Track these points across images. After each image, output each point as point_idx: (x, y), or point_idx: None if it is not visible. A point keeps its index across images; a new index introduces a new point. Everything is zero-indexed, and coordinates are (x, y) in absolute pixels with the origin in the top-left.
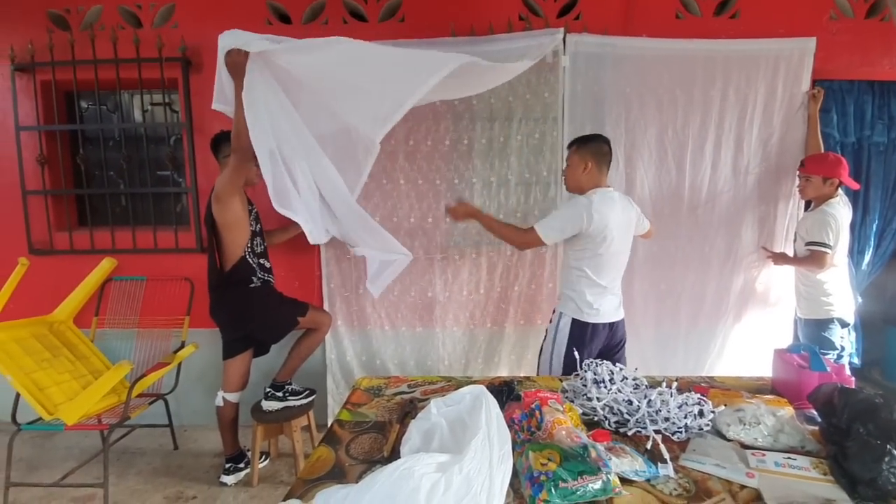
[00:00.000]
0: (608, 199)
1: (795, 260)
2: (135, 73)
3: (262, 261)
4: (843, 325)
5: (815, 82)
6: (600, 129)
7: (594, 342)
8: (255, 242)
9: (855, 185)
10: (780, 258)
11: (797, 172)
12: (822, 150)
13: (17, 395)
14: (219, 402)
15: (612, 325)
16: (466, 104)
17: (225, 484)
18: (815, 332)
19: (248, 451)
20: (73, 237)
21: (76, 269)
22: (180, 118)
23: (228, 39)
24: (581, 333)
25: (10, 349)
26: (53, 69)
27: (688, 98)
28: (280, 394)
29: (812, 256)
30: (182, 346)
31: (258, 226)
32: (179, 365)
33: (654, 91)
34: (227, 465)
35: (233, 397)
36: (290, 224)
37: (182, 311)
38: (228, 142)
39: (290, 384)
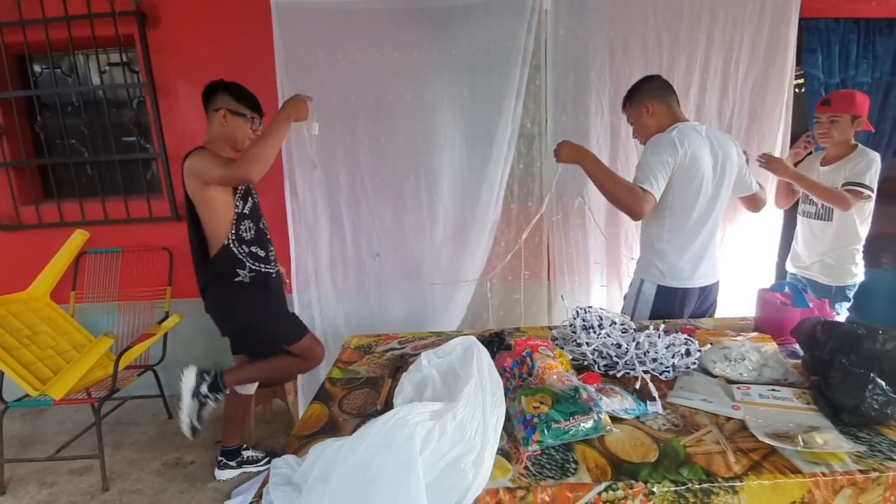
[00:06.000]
0: (694, 131)
1: (806, 182)
2: (88, 30)
3: (254, 249)
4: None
5: (801, 21)
6: (584, 76)
7: (684, 310)
8: (241, 227)
9: (872, 128)
10: (778, 166)
11: (815, 116)
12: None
13: (1, 374)
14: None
15: (703, 288)
16: (445, 54)
17: (219, 479)
18: (838, 297)
19: (246, 448)
20: (41, 210)
21: (47, 244)
22: (141, 78)
23: None
24: (669, 301)
25: None
26: (1, 31)
27: (673, 41)
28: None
29: (849, 194)
30: (166, 317)
31: (247, 205)
32: (166, 335)
33: (640, 34)
34: (220, 460)
35: (244, 389)
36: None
37: (163, 282)
38: (227, 92)
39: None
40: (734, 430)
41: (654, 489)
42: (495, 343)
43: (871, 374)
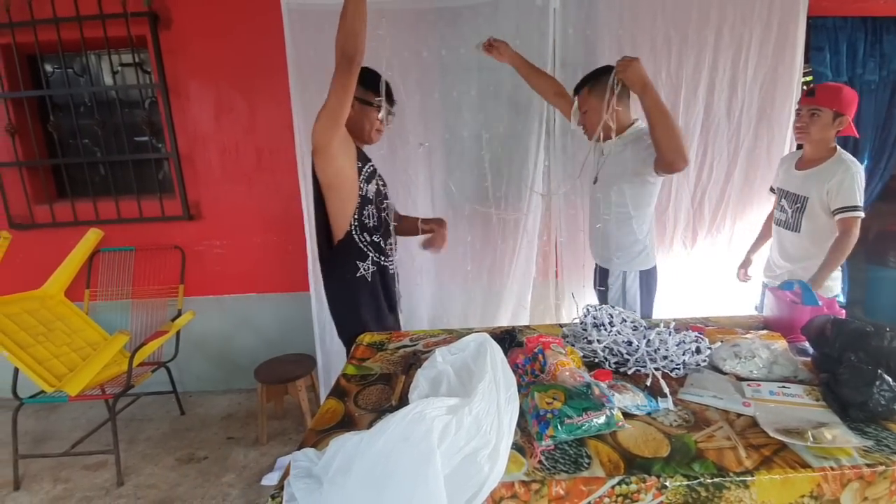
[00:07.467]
0: None
1: (833, 262)
2: (100, 31)
3: (375, 238)
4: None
5: (809, 19)
6: None
7: (657, 283)
8: (364, 213)
9: (856, 133)
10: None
11: (797, 107)
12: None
13: (16, 370)
14: None
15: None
16: (454, 54)
17: None
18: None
19: None
20: (55, 209)
21: (61, 243)
22: (153, 79)
23: None
24: (649, 281)
25: (3, 325)
26: (13, 31)
27: (682, 39)
28: None
29: (849, 227)
30: (179, 314)
31: (371, 186)
32: (179, 333)
33: (648, 32)
34: None
35: None
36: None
37: (175, 280)
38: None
39: None
40: (745, 426)
41: (667, 483)
42: (507, 340)
43: (879, 371)
